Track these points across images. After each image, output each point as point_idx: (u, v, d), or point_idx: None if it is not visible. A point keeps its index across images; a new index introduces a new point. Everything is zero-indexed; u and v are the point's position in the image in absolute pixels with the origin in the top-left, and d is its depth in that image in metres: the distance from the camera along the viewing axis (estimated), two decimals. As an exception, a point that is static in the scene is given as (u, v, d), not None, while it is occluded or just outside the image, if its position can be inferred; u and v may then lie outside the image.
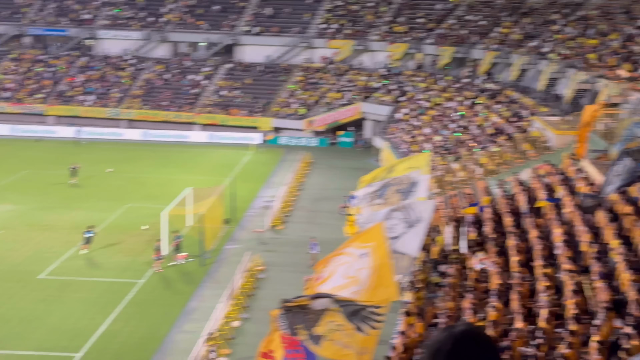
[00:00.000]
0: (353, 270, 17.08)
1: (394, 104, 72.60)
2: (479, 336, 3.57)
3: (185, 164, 64.01)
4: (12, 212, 47.37)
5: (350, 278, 17.03)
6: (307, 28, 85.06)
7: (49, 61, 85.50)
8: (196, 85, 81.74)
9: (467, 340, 3.51)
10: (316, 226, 46.42)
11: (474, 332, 3.56)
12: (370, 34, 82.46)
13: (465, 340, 3.51)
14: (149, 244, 41.35)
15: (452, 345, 3.51)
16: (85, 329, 30.46)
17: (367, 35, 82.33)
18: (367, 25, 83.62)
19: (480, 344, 3.52)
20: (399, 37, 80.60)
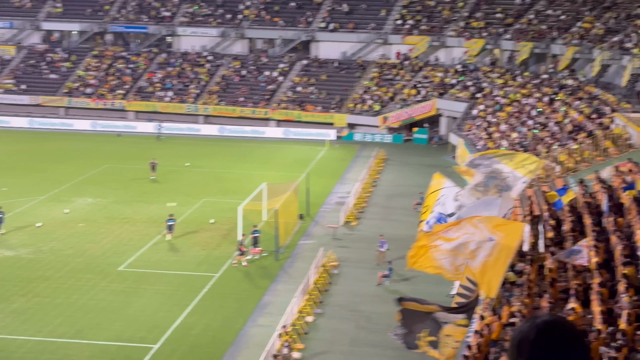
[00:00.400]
0: (475, 245, 17.27)
1: (470, 101, 71.74)
2: (564, 325, 3.51)
3: (260, 159, 64.56)
4: (92, 205, 48.58)
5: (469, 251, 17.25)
6: (382, 24, 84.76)
7: (130, 58, 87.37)
8: (272, 81, 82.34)
9: (551, 329, 3.46)
10: (390, 223, 46.25)
11: (558, 322, 3.51)
12: (447, 29, 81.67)
13: (549, 329, 3.46)
14: (224, 238, 41.87)
15: (536, 335, 3.46)
16: (162, 321, 31.01)
17: (444, 31, 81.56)
18: (444, 21, 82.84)
19: (565, 333, 3.46)
20: (476, 32, 79.60)
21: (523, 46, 72.54)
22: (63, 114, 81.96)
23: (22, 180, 54.37)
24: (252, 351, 28.34)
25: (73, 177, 55.58)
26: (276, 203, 41.69)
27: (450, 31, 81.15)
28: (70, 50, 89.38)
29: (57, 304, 32.45)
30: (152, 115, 79.68)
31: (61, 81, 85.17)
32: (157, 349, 28.49)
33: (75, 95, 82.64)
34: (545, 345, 3.44)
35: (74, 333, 29.61)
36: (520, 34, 75.16)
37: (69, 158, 62.80)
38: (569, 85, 61.60)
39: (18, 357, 27.50)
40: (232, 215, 43.57)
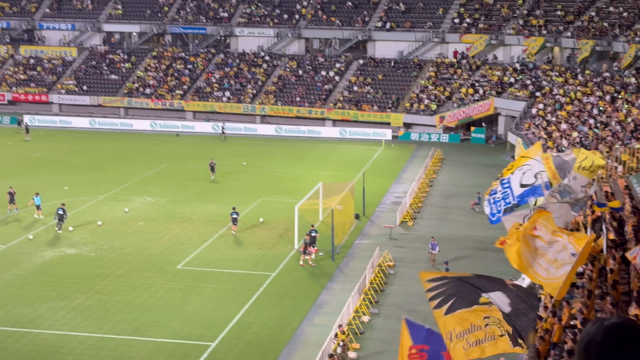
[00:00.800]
0: (561, 257, 17.19)
1: (529, 99, 70.78)
2: (632, 328, 3.44)
3: (316, 159, 64.69)
4: (151, 204, 49.26)
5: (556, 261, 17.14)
6: (440, 23, 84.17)
7: (188, 58, 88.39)
8: (328, 81, 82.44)
9: (619, 331, 3.41)
10: (446, 223, 45.90)
11: (626, 324, 3.45)
12: (505, 27, 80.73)
13: (617, 331, 3.41)
14: (281, 238, 42.06)
15: (603, 337, 3.41)
16: (219, 318, 31.28)
17: (502, 29, 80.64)
18: (502, 19, 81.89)
19: (633, 335, 3.40)
20: (536, 30, 78.50)
21: (584, 44, 71.27)
22: (123, 114, 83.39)
23: (83, 179, 55.43)
24: (308, 350, 28.40)
25: (132, 176, 56.46)
26: (332, 203, 41.71)
27: (509, 29, 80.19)
28: (130, 51, 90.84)
29: (117, 301, 32.99)
30: (209, 115, 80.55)
31: (121, 82, 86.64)
32: (215, 347, 28.74)
33: (134, 96, 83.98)
34: (612, 347, 3.38)
35: (133, 330, 30.05)
36: (581, 31, 73.86)
37: (129, 158, 63.81)
38: (631, 83, 60.31)
39: (79, 353, 28.03)
40: (289, 215, 43.74)
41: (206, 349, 28.53)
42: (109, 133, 76.38)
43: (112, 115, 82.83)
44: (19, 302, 32.69)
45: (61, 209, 42.86)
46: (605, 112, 57.64)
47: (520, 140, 60.08)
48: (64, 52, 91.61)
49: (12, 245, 40.46)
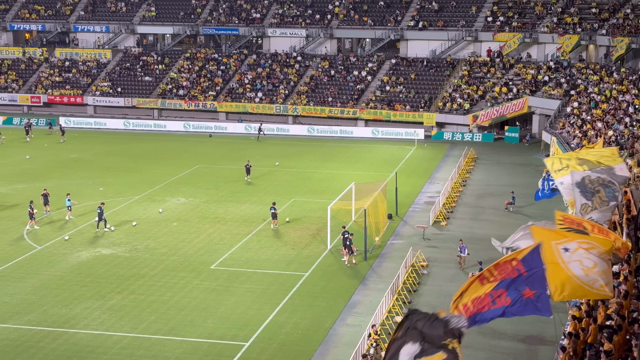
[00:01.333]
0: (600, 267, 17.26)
1: (564, 98, 70.10)
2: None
3: (349, 159, 64.67)
4: (185, 204, 49.59)
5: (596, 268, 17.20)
6: (473, 21, 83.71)
7: (221, 59, 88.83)
8: (360, 81, 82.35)
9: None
10: (480, 223, 45.63)
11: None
12: (539, 25, 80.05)
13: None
14: (314, 238, 42.10)
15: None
16: (253, 318, 31.40)
17: (536, 27, 79.98)
18: (536, 17, 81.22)
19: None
20: (570, 28, 77.74)
21: (619, 41, 70.41)
22: (156, 115, 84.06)
23: (117, 180, 55.97)
24: (341, 350, 28.40)
25: (166, 177, 56.88)
26: (365, 203, 41.66)
27: (542, 27, 79.51)
28: (163, 53, 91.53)
29: (151, 301, 33.25)
30: (242, 116, 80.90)
31: (155, 83, 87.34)
32: (248, 347, 28.85)
33: (168, 97, 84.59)
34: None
35: (167, 330, 30.27)
36: (616, 29, 72.97)
37: (162, 158, 64.30)
38: (667, 80, 59.47)
39: (114, 352, 28.30)
40: (321, 215, 43.77)
41: (240, 348, 28.66)
42: (142, 134, 77.04)
43: (146, 117, 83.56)
44: (55, 302, 33.08)
45: (99, 208, 43.48)
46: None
47: (555, 139, 59.53)
48: (98, 54, 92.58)
49: (48, 245, 40.96)
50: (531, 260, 15.62)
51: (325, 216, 41.36)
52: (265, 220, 45.53)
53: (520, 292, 15.69)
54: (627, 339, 21.16)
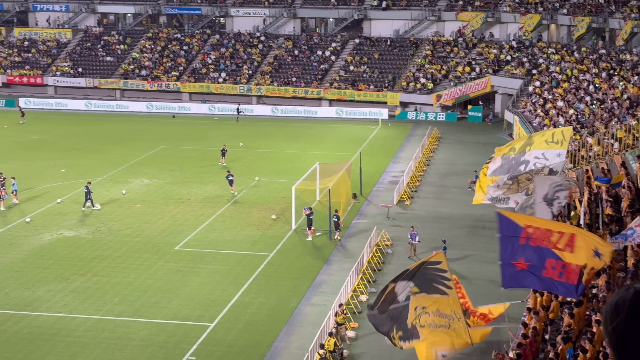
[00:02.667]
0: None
1: (526, 77, 70.68)
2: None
3: (313, 139, 64.67)
4: (148, 186, 49.27)
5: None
6: (436, 1, 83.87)
7: (184, 39, 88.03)
8: (324, 61, 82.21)
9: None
10: (444, 201, 45.98)
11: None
12: (502, 5, 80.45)
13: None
14: (278, 218, 42.10)
15: (633, 297, 3.46)
16: (218, 299, 31.39)
17: (498, 7, 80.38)
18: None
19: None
20: (532, 7, 78.26)
21: (580, 21, 71.08)
22: (119, 96, 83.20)
23: (80, 161, 55.38)
24: (306, 329, 28.54)
25: (129, 158, 56.42)
26: (329, 182, 41.74)
27: (505, 6, 79.94)
28: (125, 33, 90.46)
29: (115, 283, 33.07)
30: (205, 97, 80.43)
31: (117, 64, 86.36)
32: (213, 327, 28.86)
33: (130, 78, 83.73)
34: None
35: (132, 312, 30.15)
36: (577, 8, 73.63)
37: (125, 140, 63.74)
38: (627, 60, 60.23)
39: (78, 335, 28.13)
40: (286, 195, 43.79)
41: (205, 329, 28.65)
42: (105, 115, 76.24)
43: (108, 98, 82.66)
44: (17, 285, 32.75)
45: (86, 187, 43.47)
46: (601, 89, 57.59)
47: (517, 118, 60.07)
48: (59, 34, 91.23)
49: (9, 228, 40.49)
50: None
51: (289, 196, 41.39)
52: (229, 201, 45.44)
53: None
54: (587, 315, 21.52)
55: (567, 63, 68.00)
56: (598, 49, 67.53)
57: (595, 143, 46.02)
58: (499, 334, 24.84)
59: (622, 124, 45.83)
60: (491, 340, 24.47)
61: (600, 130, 47.54)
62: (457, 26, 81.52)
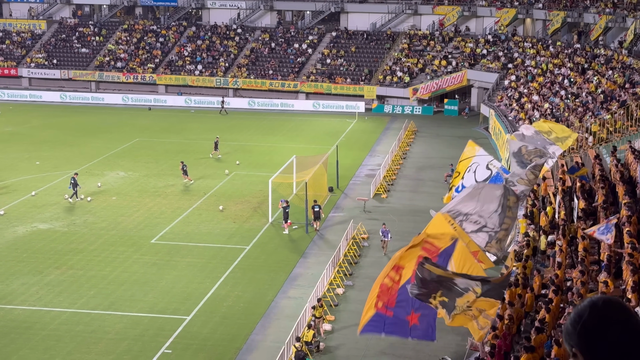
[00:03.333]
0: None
1: (501, 71, 71.06)
2: (619, 304, 3.51)
3: (290, 132, 64.62)
4: (124, 178, 49.01)
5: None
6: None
7: (160, 31, 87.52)
8: (301, 53, 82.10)
9: (606, 306, 3.47)
10: (420, 195, 46.16)
11: (613, 300, 3.51)
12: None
13: (604, 306, 3.47)
14: (255, 211, 42.07)
15: (590, 311, 3.47)
16: (194, 292, 31.31)
17: (474, 1, 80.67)
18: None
19: (619, 310, 3.47)
20: (507, 1, 78.60)
21: (555, 15, 71.53)
22: (94, 88, 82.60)
23: (54, 154, 54.96)
24: (283, 322, 28.55)
25: (105, 151, 56.07)
26: (306, 176, 41.75)
27: (481, 0, 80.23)
28: (100, 24, 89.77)
29: (90, 276, 32.88)
30: (181, 89, 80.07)
31: (92, 55, 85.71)
32: (189, 321, 28.79)
33: (106, 70, 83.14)
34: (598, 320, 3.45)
35: (107, 305, 30.00)
36: (552, 2, 74.08)
37: (101, 132, 63.32)
38: (601, 54, 60.73)
39: (53, 328, 27.96)
40: (263, 188, 43.75)
41: (181, 322, 28.58)
42: (80, 107, 75.67)
43: (83, 89, 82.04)
44: (-8, 278, 32.48)
45: (73, 179, 43.35)
46: (575, 84, 58.05)
47: (493, 112, 60.39)
48: (33, 25, 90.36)
49: (-16, 221, 40.12)
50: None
51: (266, 189, 41.35)
52: (206, 193, 45.34)
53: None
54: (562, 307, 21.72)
55: (542, 57, 68.44)
56: (573, 44, 68.01)
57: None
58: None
59: (596, 118, 46.24)
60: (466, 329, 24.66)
61: (574, 124, 47.93)
62: (432, 20, 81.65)
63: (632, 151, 31.88)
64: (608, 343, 3.41)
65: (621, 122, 43.23)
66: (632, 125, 42.19)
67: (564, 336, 3.56)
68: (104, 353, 26.26)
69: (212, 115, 71.97)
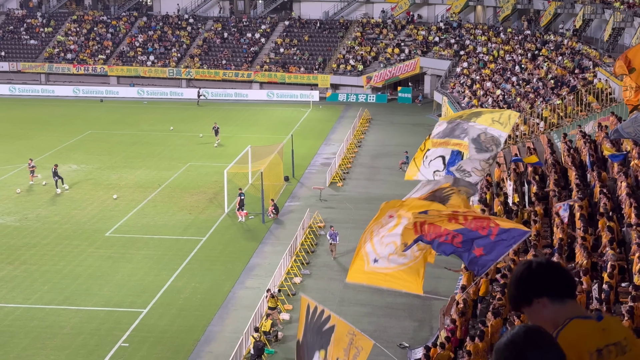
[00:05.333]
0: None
1: (454, 58, 71.59)
2: (538, 331, 3.82)
3: (244, 122, 64.38)
4: (77, 171, 48.39)
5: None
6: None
7: (110, 22, 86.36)
8: (254, 43, 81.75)
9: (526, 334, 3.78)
10: (375, 182, 46.38)
11: (533, 328, 3.82)
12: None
13: (524, 335, 3.78)
14: (211, 202, 41.88)
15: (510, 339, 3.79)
16: (150, 285, 31.10)
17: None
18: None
19: (540, 343, 3.78)
20: (459, -11, 79.10)
21: (505, 2, 72.21)
22: (44, 80, 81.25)
23: (4, 147, 54.01)
24: (241, 313, 28.52)
25: (56, 144, 55.26)
26: (261, 165, 41.67)
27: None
28: (49, 15, 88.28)
29: (44, 271, 32.45)
30: (133, 80, 79.20)
31: (41, 47, 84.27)
32: (146, 313, 28.60)
33: (55, 61, 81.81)
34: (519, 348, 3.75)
35: (62, 299, 29.66)
36: (502, -10, 74.71)
37: (52, 125, 62.38)
38: (551, 40, 61.52)
39: (7, 324, 27.55)
40: (218, 179, 43.59)
41: (138, 315, 28.38)
42: (30, 100, 74.42)
43: (33, 82, 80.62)
44: (-58, 275, 31.86)
45: (54, 170, 43.28)
46: (526, 70, 58.76)
47: (446, 99, 60.86)
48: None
49: None
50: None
51: (221, 180, 41.18)
52: (160, 185, 44.99)
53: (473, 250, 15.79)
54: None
55: (493, 44, 69.11)
56: (523, 30, 68.77)
57: (522, 123, 47.00)
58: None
59: (547, 103, 46.89)
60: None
61: (526, 110, 48.57)
62: (382, 7, 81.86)
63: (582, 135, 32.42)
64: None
65: (571, 107, 43.92)
66: (582, 110, 42.89)
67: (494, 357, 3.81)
68: (59, 348, 25.97)
69: (165, 106, 71.35)
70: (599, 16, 57.16)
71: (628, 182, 24.19)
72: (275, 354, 25.99)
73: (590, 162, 27.99)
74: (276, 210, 39.69)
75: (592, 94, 42.84)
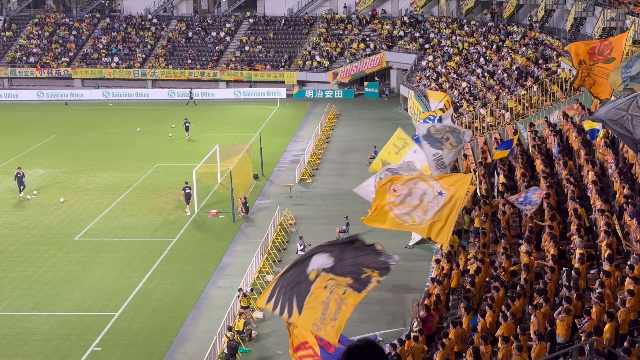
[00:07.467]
0: (427, 199, 18.18)
1: (419, 52, 71.86)
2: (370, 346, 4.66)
3: (211, 121, 64.12)
4: (43, 176, 47.87)
5: (422, 204, 18.06)
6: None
7: (72, 24, 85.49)
8: (219, 42, 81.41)
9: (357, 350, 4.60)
10: (344, 178, 46.42)
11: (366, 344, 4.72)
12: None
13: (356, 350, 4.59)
14: (180, 203, 41.63)
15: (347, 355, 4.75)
16: (122, 288, 30.89)
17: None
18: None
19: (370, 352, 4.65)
20: (422, -17, 79.38)
21: (468, -5, 72.59)
22: (7, 84, 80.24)
23: (-31, 154, 53.28)
24: (214, 313, 28.44)
25: (21, 148, 54.61)
26: (230, 164, 41.54)
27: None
28: (10, 19, 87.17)
29: (13, 277, 32.09)
30: (98, 82, 78.51)
31: (3, 51, 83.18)
32: (118, 317, 28.41)
33: (18, 65, 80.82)
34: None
35: (32, 305, 29.36)
36: (465, -18, 75.11)
37: (16, 129, 61.63)
38: (514, 31, 62.00)
39: (-23, 333, 27.22)
40: (187, 179, 43.37)
41: (110, 319, 28.18)
42: (-7, 105, 73.44)
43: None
44: None
45: (18, 174, 42.84)
46: (491, 61, 59.18)
47: (413, 93, 61.10)
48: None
49: None
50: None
51: (190, 180, 40.98)
52: (128, 187, 44.68)
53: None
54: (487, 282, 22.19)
55: (457, 37, 69.49)
56: (487, 22, 69.22)
57: (488, 114, 47.36)
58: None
59: (512, 94, 47.26)
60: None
61: (492, 102, 48.93)
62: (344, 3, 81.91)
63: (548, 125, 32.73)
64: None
65: (536, 97, 44.31)
66: (546, 100, 43.30)
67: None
68: (31, 355, 25.72)
69: (131, 107, 70.81)
70: (561, 6, 57.72)
71: (595, 170, 24.47)
72: (249, 352, 25.96)
73: (558, 151, 28.25)
74: (246, 209, 39.65)
75: (556, 83, 43.24)
